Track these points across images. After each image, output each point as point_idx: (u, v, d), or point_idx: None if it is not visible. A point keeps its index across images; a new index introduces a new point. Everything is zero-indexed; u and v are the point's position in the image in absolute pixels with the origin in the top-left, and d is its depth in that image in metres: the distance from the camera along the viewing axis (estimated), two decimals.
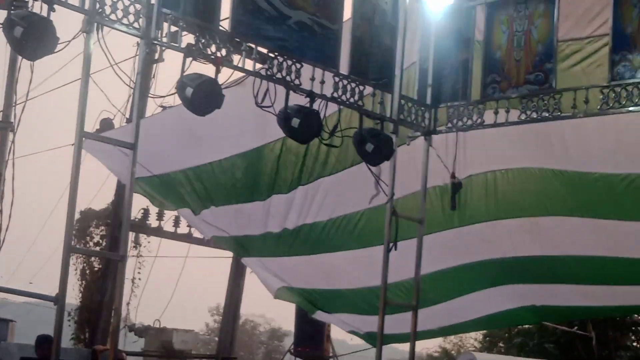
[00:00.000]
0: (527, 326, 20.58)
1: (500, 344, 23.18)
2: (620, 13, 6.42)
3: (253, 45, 6.09)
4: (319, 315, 10.06)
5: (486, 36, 7.07)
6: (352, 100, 6.69)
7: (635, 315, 19.57)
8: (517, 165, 7.95)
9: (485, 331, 22.64)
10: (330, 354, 13.94)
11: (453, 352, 29.06)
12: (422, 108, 7.37)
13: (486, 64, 7.05)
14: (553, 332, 19.84)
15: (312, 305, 9.89)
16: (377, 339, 7.21)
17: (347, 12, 6.68)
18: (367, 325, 9.70)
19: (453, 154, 7.49)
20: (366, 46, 6.78)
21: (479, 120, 7.14)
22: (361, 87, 6.74)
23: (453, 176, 7.39)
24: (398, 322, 8.17)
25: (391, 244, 7.06)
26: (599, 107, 6.60)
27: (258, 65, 6.21)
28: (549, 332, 20.01)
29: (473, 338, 27.32)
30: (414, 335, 7.47)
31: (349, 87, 6.66)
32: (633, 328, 20.81)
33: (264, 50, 6.24)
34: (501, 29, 7.01)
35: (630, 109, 6.45)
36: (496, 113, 7.01)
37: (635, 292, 8.55)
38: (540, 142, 7.68)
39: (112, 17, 5.41)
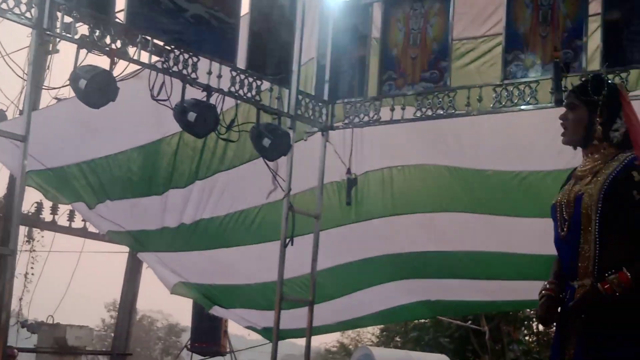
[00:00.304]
0: (422, 321, 20.87)
1: (397, 339, 23.43)
2: (514, 13, 6.55)
3: (149, 38, 6.00)
4: (216, 311, 10.01)
5: (383, 33, 7.12)
6: (249, 94, 6.67)
7: (528, 310, 20.02)
8: (413, 162, 8.04)
9: (382, 326, 22.84)
10: (228, 350, 13.90)
11: (350, 346, 29.26)
12: (320, 104, 7.39)
13: (383, 61, 7.11)
14: (448, 327, 20.15)
15: (209, 301, 9.83)
16: (273, 334, 7.20)
17: (245, 7, 6.66)
18: (264, 321, 9.69)
19: (350, 150, 7.54)
20: (264, 41, 6.76)
21: (376, 117, 7.19)
22: (259, 82, 6.72)
23: (348, 172, 7.44)
24: (295, 318, 8.18)
25: (288, 240, 7.06)
26: (492, 105, 6.71)
27: (154, 58, 6.12)
28: (443, 327, 20.32)
29: (370, 333, 27.56)
30: (310, 331, 7.49)
31: (246, 82, 6.63)
32: (525, 322, 21.23)
33: (161, 43, 6.16)
34: (397, 26, 7.08)
35: (522, 107, 6.58)
36: (392, 110, 7.07)
37: (526, 287, 8.68)
38: (435, 139, 7.78)
39: (3, 6, 5.26)
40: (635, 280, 3.75)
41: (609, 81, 4.16)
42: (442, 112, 6.90)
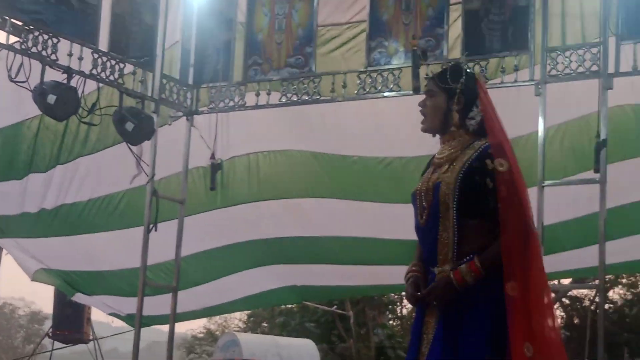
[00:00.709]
0: (289, 306, 21.01)
1: (264, 324, 23.54)
2: (377, 1, 6.63)
3: (7, 18, 5.81)
4: (79, 298, 9.80)
5: (248, 18, 7.09)
6: (112, 77, 6.54)
7: (392, 295, 20.39)
8: (279, 147, 8.05)
9: (249, 311, 22.89)
10: (91, 337, 13.66)
11: (217, 332, 29.21)
12: (184, 88, 7.32)
13: (248, 45, 7.08)
14: (314, 312, 20.34)
15: (71, 288, 9.61)
16: (136, 321, 7.11)
17: None
18: (128, 307, 9.54)
19: (215, 135, 7.49)
20: (127, 23, 6.63)
21: (241, 102, 7.17)
22: (121, 65, 6.60)
23: (213, 157, 7.39)
24: (160, 304, 8.10)
25: (151, 225, 6.97)
26: (356, 91, 6.78)
27: (12, 39, 5.93)
28: (310, 312, 20.50)
29: (237, 318, 27.61)
30: (174, 317, 7.42)
31: (108, 65, 6.50)
32: (389, 307, 21.66)
33: (19, 23, 5.97)
34: (263, 11, 7.06)
35: (386, 94, 6.68)
36: (257, 95, 7.07)
37: (391, 272, 8.82)
38: (301, 125, 7.81)
39: None
40: (484, 268, 3.84)
41: (468, 70, 4.23)
42: (307, 98, 6.93)
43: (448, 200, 3.91)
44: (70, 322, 13.04)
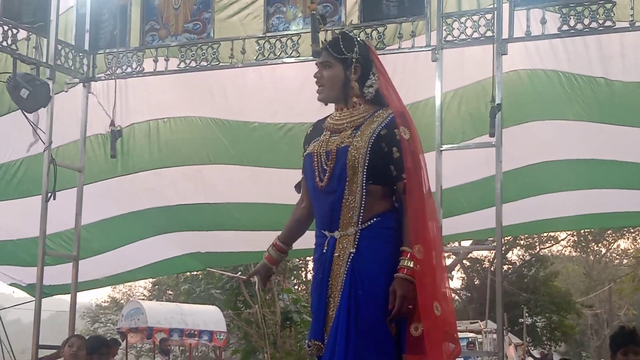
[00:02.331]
0: (194, 273, 20.95)
1: (169, 292, 23.44)
2: None
3: None
4: None
5: None
6: (4, 44, 6.36)
7: (297, 259, 20.50)
8: (179, 114, 7.96)
9: (154, 279, 22.75)
10: None
11: (122, 301, 28.98)
12: (80, 54, 7.18)
13: (145, 11, 6.97)
14: (219, 278, 20.33)
15: None
16: (36, 291, 6.99)
17: None
18: (29, 277, 9.40)
19: (114, 101, 7.37)
20: None
21: (139, 68, 7.07)
22: (14, 31, 6.42)
23: (112, 124, 7.28)
24: (61, 273, 7.99)
25: (50, 194, 6.84)
26: (255, 57, 6.75)
27: None
28: (215, 278, 20.48)
29: (142, 287, 27.45)
30: (75, 286, 7.32)
31: (1, 30, 6.32)
32: (294, 272, 21.77)
33: None
34: None
35: (285, 60, 6.66)
36: (156, 61, 6.97)
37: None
38: (201, 91, 7.74)
39: None
40: (422, 243, 3.90)
41: (358, 38, 4.25)
42: (205, 64, 6.87)
43: (357, 164, 3.95)
44: None
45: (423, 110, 7.03)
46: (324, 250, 4.06)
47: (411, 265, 3.86)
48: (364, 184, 3.97)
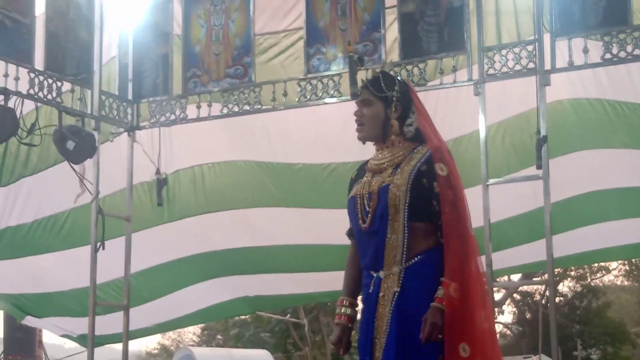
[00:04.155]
0: (243, 317, 20.92)
1: (219, 337, 23.44)
2: (313, 7, 6.64)
3: None
4: (29, 321, 9.67)
5: (184, 30, 7.05)
6: (49, 96, 6.44)
7: None
8: (223, 158, 8.02)
9: (202, 325, 22.77)
10: None
11: (172, 348, 29.02)
12: (124, 104, 7.25)
13: (186, 58, 7.04)
14: (268, 321, 20.29)
15: (20, 311, 9.47)
16: (88, 341, 7.02)
17: (41, 6, 6.42)
18: (79, 328, 9.43)
19: (159, 149, 7.43)
20: (62, 41, 6.54)
21: (182, 115, 7.12)
22: (59, 83, 6.51)
23: (158, 172, 7.33)
24: (112, 322, 8.02)
25: (99, 243, 6.89)
26: (297, 99, 6.78)
27: None
28: (264, 322, 20.45)
29: (191, 332, 27.45)
30: (127, 335, 7.34)
31: (45, 84, 6.40)
32: None
33: None
34: (199, 22, 7.03)
35: (326, 100, 6.68)
36: (199, 107, 7.02)
37: (341, 278, 8.82)
38: (244, 135, 7.79)
39: None
40: (460, 281, 3.86)
41: (398, 76, 4.27)
42: (248, 108, 6.91)
43: (398, 202, 3.95)
44: (21, 346, 12.90)
45: (467, 145, 7.01)
46: (370, 290, 4.06)
47: (452, 297, 3.83)
48: (405, 222, 3.96)
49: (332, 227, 8.22)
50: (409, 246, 3.96)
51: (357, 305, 4.26)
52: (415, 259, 3.96)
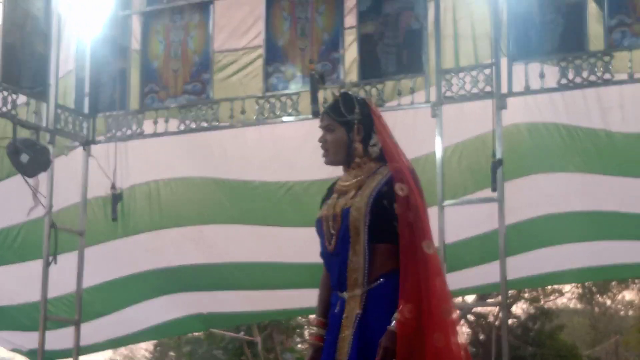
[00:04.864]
0: (196, 334, 20.76)
1: (171, 353, 23.26)
2: (273, 26, 6.67)
3: None
4: None
5: (143, 45, 7.05)
6: (4, 109, 6.40)
7: (299, 318, 20.37)
8: (179, 174, 7.99)
9: (155, 341, 22.60)
10: None
11: None
12: (80, 117, 7.22)
13: (144, 73, 7.04)
14: (221, 339, 20.15)
15: None
16: (38, 356, 6.95)
17: None
18: (29, 342, 9.30)
19: (114, 164, 7.39)
20: (18, 53, 6.50)
21: (139, 130, 7.11)
22: (14, 96, 6.47)
23: (113, 187, 7.29)
24: (63, 337, 7.94)
25: (51, 258, 6.84)
26: (255, 117, 6.79)
27: None
28: (217, 339, 20.29)
29: (144, 349, 27.22)
30: (77, 350, 7.29)
31: (0, 96, 6.36)
32: (297, 330, 21.58)
33: None
34: (158, 38, 7.02)
35: (284, 119, 6.70)
36: (156, 123, 7.03)
37: (297, 296, 8.82)
38: (201, 151, 7.77)
39: None
40: (416, 302, 3.85)
41: (357, 97, 4.26)
42: (205, 125, 6.91)
43: (359, 225, 3.92)
44: None
45: (424, 166, 7.03)
46: (335, 311, 4.05)
47: (404, 320, 3.83)
48: (366, 244, 3.94)
49: (287, 245, 8.27)
50: (371, 268, 3.94)
51: (327, 324, 4.25)
52: (378, 281, 3.94)
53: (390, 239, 3.93)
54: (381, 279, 3.93)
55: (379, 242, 3.94)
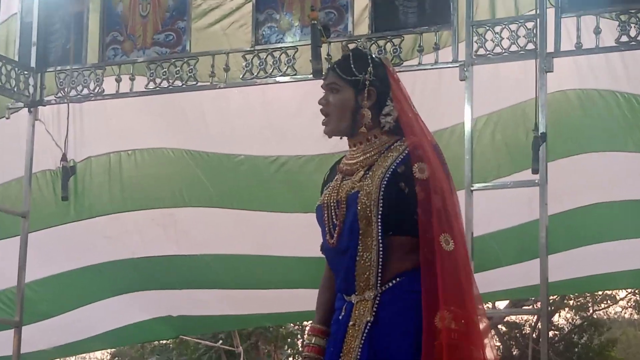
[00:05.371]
0: (164, 342, 20.86)
1: None
2: None
3: None
4: None
5: None
6: None
7: (291, 325, 20.44)
8: (146, 145, 8.01)
9: (113, 350, 22.69)
10: None
11: None
12: (25, 72, 7.24)
13: (105, 19, 7.04)
14: (195, 348, 20.25)
15: None
16: None
17: None
18: None
19: (66, 130, 7.40)
20: None
21: (98, 89, 7.13)
22: None
23: (64, 158, 7.30)
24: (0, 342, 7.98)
25: None
26: (242, 75, 6.79)
27: None
28: (190, 349, 20.39)
29: (99, 358, 27.34)
30: (18, 359, 7.31)
31: None
32: (288, 340, 21.66)
33: None
34: None
35: (278, 78, 6.70)
36: (118, 81, 7.03)
37: (288, 297, 8.86)
38: (174, 117, 7.80)
39: None
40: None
41: (374, 56, 4.24)
42: (180, 84, 6.92)
43: (370, 213, 3.88)
44: None
45: (448, 141, 7.05)
46: (340, 317, 4.03)
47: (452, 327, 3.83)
48: (379, 237, 3.93)
49: (279, 234, 8.28)
50: (385, 266, 3.91)
51: (329, 333, 4.24)
52: (393, 281, 3.92)
53: (409, 231, 3.91)
54: (397, 279, 3.93)
55: (395, 235, 3.93)
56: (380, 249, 3.90)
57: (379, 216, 3.89)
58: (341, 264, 3.99)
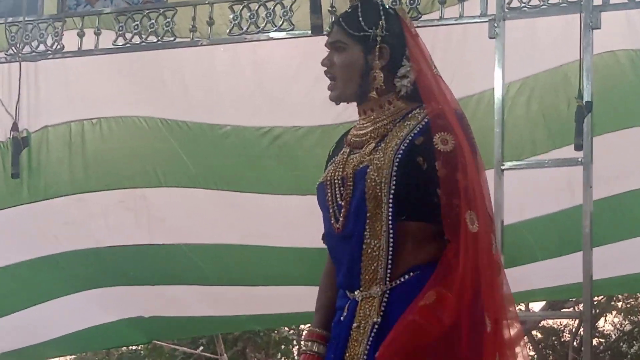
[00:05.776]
0: (133, 347, 20.96)
1: None
2: None
3: None
4: None
5: None
6: None
7: (284, 328, 20.50)
8: (114, 113, 8.00)
9: (74, 356, 22.76)
10: None
11: None
12: None
13: None
14: (171, 355, 20.35)
15: None
16: None
17: None
18: None
19: (17, 94, 7.41)
20: None
21: (56, 46, 7.14)
22: None
23: (15, 127, 7.31)
24: None
25: None
26: (228, 30, 6.79)
27: None
28: (164, 356, 20.49)
29: None
30: None
31: None
32: (282, 346, 21.75)
33: None
34: None
35: (271, 34, 6.70)
36: (81, 36, 7.06)
37: (285, 295, 8.88)
38: (148, 80, 7.80)
39: None
40: (464, 302, 3.81)
41: (387, 7, 4.20)
42: (155, 40, 6.93)
43: (379, 193, 3.85)
44: None
45: (475, 109, 7.06)
46: (342, 318, 4.02)
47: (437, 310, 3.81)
48: (390, 222, 3.90)
49: (271, 221, 8.29)
50: (396, 257, 3.88)
51: (330, 339, 4.22)
52: (406, 276, 3.90)
53: (426, 216, 3.89)
54: (411, 273, 3.90)
55: (409, 220, 3.90)
56: (391, 235, 3.87)
57: (391, 196, 3.86)
58: (345, 253, 3.98)
